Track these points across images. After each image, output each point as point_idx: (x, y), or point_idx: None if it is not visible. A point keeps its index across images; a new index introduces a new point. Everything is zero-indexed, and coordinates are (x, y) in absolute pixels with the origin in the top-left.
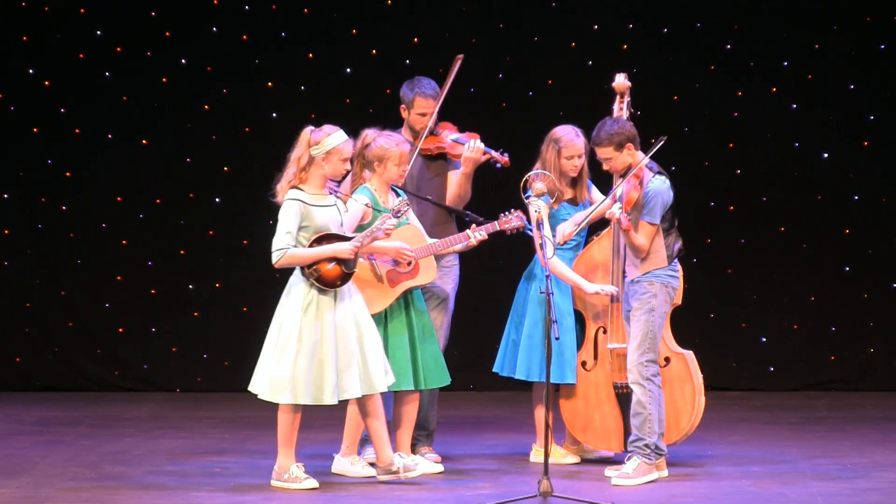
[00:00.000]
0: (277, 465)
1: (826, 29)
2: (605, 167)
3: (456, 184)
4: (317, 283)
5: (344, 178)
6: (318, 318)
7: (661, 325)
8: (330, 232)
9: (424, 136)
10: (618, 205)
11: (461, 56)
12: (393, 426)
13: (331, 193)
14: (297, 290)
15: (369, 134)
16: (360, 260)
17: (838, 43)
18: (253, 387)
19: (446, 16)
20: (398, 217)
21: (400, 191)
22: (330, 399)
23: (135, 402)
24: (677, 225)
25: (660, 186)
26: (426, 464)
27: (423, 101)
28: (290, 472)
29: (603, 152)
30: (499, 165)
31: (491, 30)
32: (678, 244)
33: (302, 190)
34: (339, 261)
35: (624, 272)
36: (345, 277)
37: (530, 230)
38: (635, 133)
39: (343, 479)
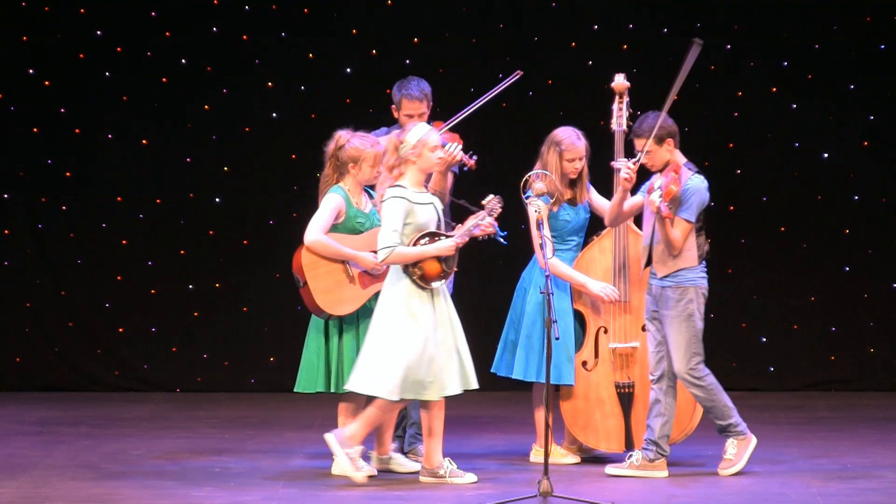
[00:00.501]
0: (348, 434)
1: (826, 29)
2: (643, 161)
3: (433, 180)
4: (419, 281)
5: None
6: (419, 315)
7: (700, 328)
8: (431, 230)
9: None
10: (657, 193)
11: (520, 72)
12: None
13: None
14: (399, 289)
15: (343, 135)
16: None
17: (838, 43)
18: (354, 384)
19: (446, 16)
20: (492, 215)
21: (372, 192)
22: (435, 395)
23: (135, 402)
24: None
25: (699, 185)
26: (467, 476)
27: (409, 103)
28: (353, 451)
29: (643, 145)
30: (466, 168)
31: (491, 30)
32: (706, 246)
33: (404, 187)
34: (439, 259)
35: (652, 271)
36: (444, 275)
37: (502, 237)
38: (677, 129)
39: (342, 479)
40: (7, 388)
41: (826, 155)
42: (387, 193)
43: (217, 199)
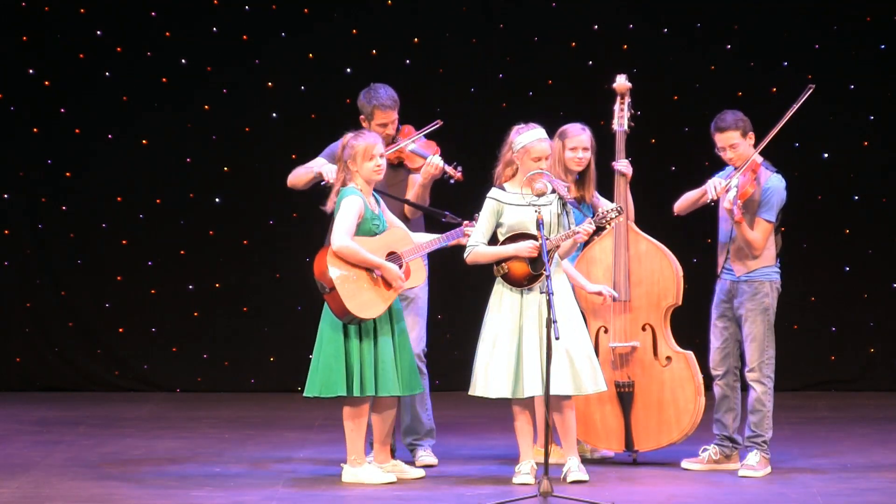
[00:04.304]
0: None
1: (826, 29)
2: (726, 156)
3: (414, 193)
4: (504, 280)
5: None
6: (504, 314)
7: (773, 322)
8: (526, 231)
9: (392, 149)
10: (733, 192)
11: (440, 122)
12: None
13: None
14: (495, 288)
15: (347, 136)
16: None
17: (838, 43)
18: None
19: (446, 16)
20: (603, 225)
21: (377, 195)
22: (500, 393)
23: (135, 402)
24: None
25: (778, 184)
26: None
27: (382, 113)
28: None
29: (729, 137)
30: (452, 181)
31: (491, 30)
32: (780, 243)
33: (502, 189)
34: (529, 261)
35: (724, 269)
36: (532, 278)
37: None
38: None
39: (341, 478)
40: (7, 388)
41: (826, 155)
42: (488, 194)
43: (217, 199)
